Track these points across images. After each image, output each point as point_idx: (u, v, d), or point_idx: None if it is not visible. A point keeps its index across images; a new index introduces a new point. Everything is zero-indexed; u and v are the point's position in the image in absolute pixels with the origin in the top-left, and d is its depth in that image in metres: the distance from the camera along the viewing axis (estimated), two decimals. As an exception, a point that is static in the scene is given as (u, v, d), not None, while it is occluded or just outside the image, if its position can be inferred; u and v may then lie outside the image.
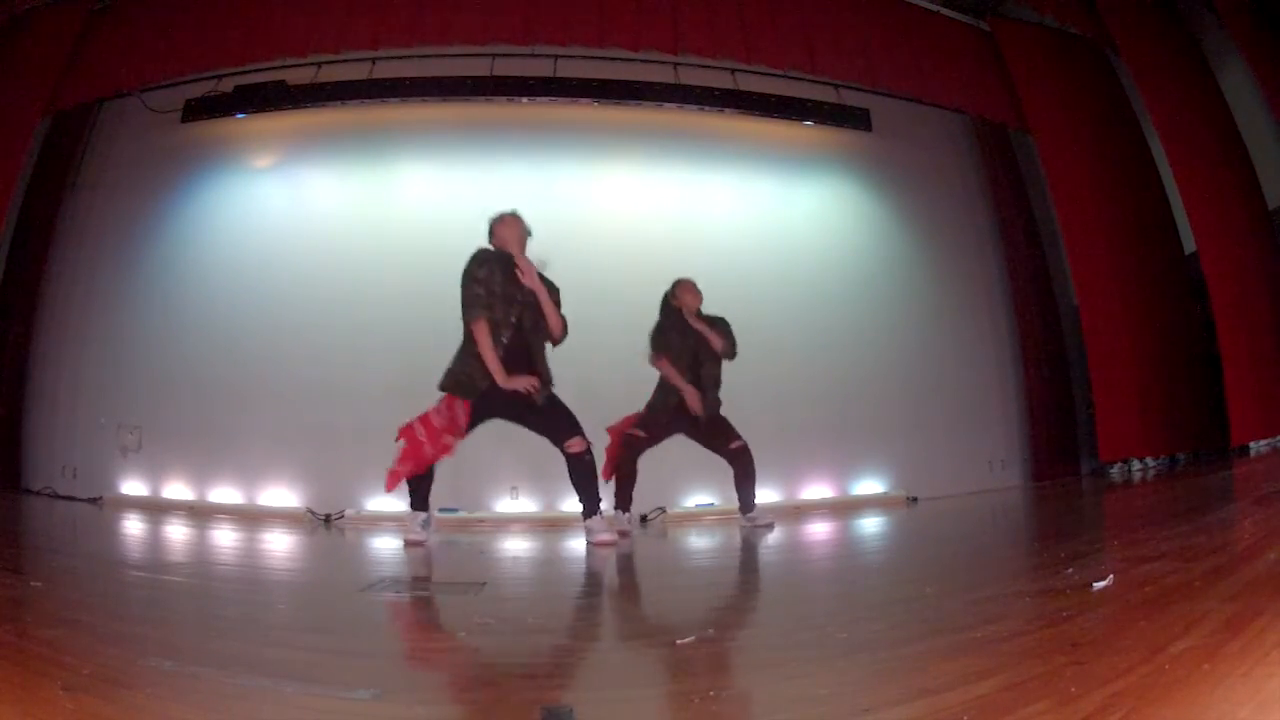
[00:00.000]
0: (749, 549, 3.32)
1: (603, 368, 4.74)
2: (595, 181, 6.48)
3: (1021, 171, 6.88)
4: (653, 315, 4.38)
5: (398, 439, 3.39)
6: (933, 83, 6.23)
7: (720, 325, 4.33)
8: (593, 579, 2.67)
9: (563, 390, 3.52)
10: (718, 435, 4.32)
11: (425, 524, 3.54)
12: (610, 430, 4.33)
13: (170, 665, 1.12)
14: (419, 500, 3.54)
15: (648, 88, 6.40)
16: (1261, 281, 5.05)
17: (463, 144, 6.40)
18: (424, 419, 3.37)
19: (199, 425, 5.72)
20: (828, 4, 6.11)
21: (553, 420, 3.40)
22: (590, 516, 3.45)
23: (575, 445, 3.37)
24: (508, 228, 3.44)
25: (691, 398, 4.20)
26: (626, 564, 2.99)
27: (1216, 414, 5.20)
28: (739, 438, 4.31)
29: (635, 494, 4.27)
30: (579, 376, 3.83)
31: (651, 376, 4.33)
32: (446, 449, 3.38)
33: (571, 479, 3.43)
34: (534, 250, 3.50)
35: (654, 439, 4.31)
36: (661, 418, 4.28)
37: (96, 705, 0.88)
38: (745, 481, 4.32)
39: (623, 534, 3.91)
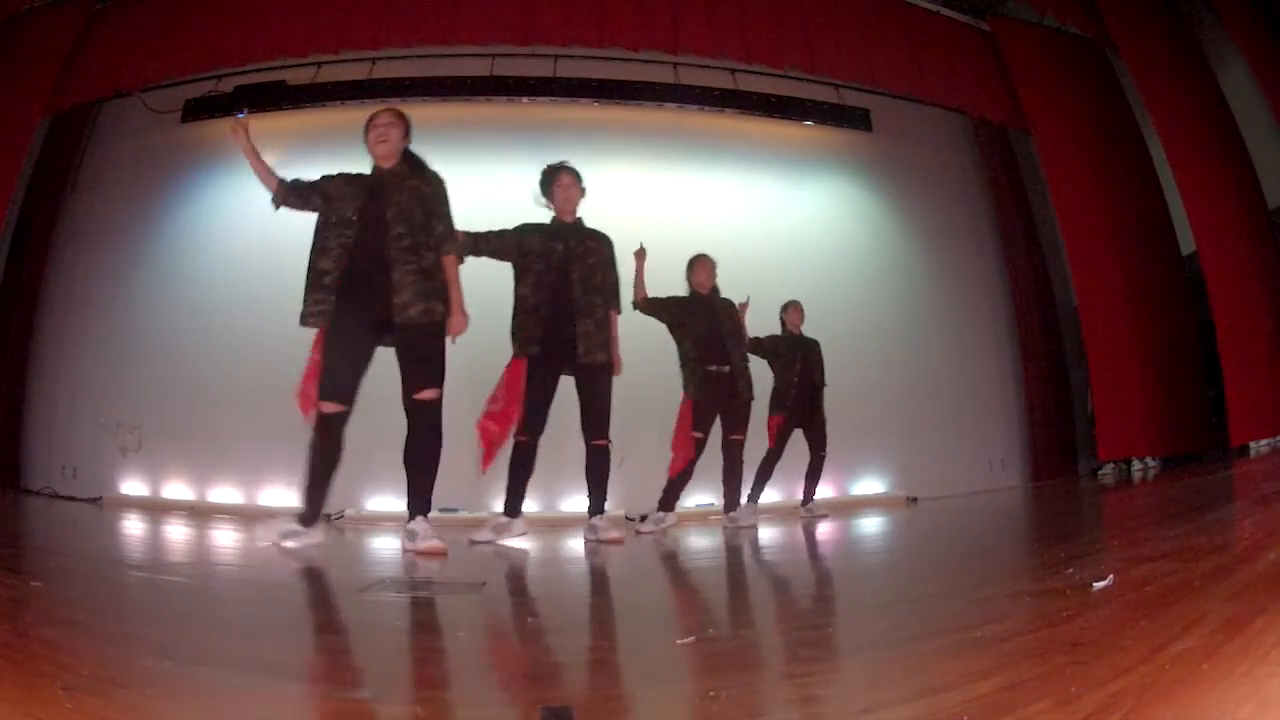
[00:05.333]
0: (745, 549, 3.32)
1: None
2: (595, 181, 6.46)
3: (1021, 171, 6.88)
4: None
5: None
6: (933, 83, 6.23)
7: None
8: (599, 578, 2.67)
9: (560, 391, 3.52)
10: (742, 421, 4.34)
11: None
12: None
13: (170, 665, 1.12)
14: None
15: (648, 88, 6.40)
16: (1261, 281, 5.05)
17: (463, 144, 6.39)
18: None
19: (199, 425, 5.72)
20: (828, 4, 6.11)
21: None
22: (596, 514, 3.47)
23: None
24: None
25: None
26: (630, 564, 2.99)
27: (1216, 414, 5.20)
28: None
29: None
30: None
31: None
32: None
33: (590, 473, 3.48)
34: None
35: (706, 433, 4.27)
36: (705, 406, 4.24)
37: (96, 705, 0.88)
38: (730, 478, 4.34)
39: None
